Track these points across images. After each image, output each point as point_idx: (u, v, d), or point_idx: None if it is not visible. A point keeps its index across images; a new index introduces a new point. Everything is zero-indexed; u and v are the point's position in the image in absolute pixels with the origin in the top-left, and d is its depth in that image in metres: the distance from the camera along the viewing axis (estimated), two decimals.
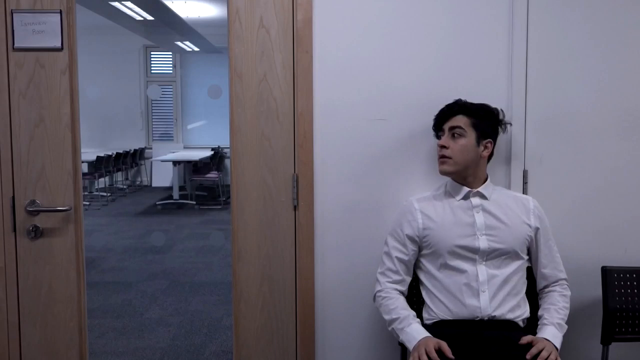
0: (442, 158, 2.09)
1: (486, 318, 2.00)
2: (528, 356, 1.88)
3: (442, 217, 2.09)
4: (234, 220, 2.37)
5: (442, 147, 2.09)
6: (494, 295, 2.01)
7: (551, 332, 1.99)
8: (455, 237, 2.05)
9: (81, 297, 2.40)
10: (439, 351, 1.88)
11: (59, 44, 2.29)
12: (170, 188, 10.28)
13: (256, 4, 2.30)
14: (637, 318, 2.26)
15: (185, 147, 11.74)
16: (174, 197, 9.55)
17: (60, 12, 2.28)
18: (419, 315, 2.09)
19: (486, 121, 2.11)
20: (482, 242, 2.04)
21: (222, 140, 10.59)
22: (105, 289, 5.11)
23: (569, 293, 2.13)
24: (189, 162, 10.04)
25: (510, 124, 2.24)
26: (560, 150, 2.32)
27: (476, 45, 2.29)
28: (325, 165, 2.33)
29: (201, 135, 11.85)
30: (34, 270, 2.36)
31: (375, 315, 2.28)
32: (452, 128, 2.08)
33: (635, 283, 2.28)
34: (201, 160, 10.08)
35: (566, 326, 2.05)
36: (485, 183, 2.13)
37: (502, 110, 2.19)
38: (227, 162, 9.86)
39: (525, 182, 2.32)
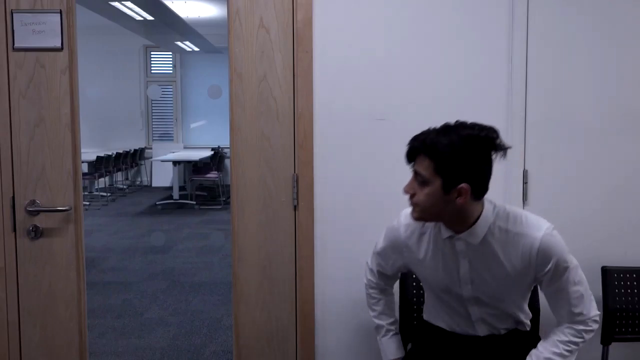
0: (411, 204, 1.74)
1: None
2: None
3: (429, 257, 1.84)
4: (234, 220, 2.37)
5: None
6: (491, 324, 1.88)
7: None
8: (441, 279, 1.84)
9: (81, 297, 2.40)
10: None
11: (59, 44, 2.29)
12: (170, 188, 10.28)
13: (256, 4, 2.30)
14: (637, 318, 2.26)
15: (185, 147, 11.74)
16: (174, 197, 9.55)
17: (60, 12, 2.28)
18: (419, 310, 2.07)
19: (458, 162, 1.62)
20: (466, 291, 1.81)
21: (222, 140, 10.59)
22: (105, 289, 5.11)
23: (587, 337, 1.80)
24: (189, 162, 10.04)
25: (510, 147, 1.69)
26: (560, 150, 2.32)
27: (476, 45, 2.29)
28: (325, 165, 2.33)
29: (201, 135, 11.85)
30: (34, 270, 2.36)
31: None
32: (415, 173, 1.70)
33: (635, 283, 2.28)
34: (201, 160, 10.08)
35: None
36: (473, 226, 1.71)
37: (497, 132, 1.65)
38: (227, 162, 9.85)
39: (525, 182, 2.32)
